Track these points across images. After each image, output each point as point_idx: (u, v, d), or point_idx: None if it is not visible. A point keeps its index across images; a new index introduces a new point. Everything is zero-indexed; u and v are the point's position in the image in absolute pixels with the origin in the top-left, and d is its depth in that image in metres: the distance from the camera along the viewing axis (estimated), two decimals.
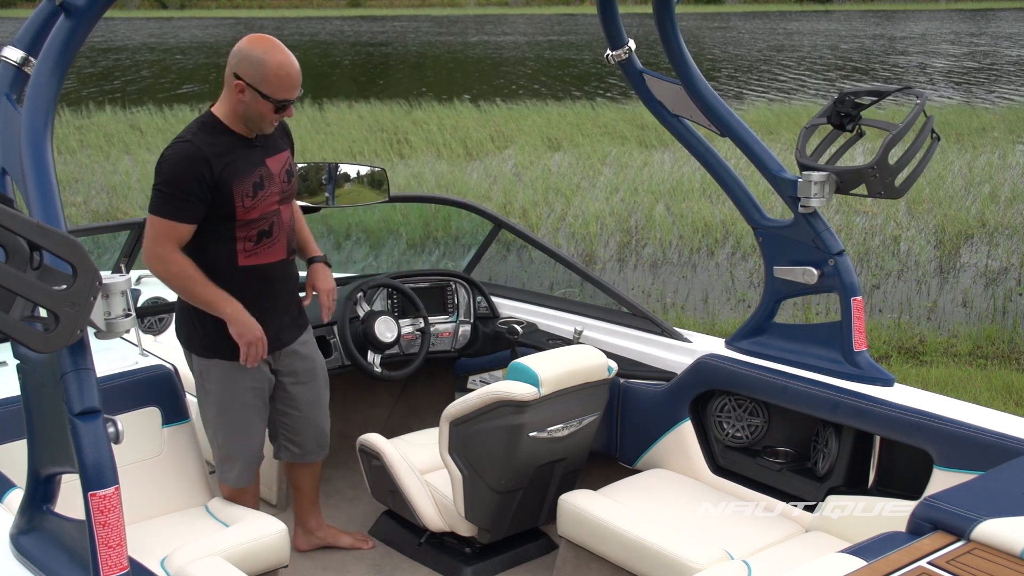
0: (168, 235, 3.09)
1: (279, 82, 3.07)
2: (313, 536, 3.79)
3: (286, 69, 3.07)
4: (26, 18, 2.35)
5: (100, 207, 11.63)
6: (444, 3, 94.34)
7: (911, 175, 3.21)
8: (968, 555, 2.15)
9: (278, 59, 3.06)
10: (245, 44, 3.10)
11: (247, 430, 3.39)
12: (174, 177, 3.06)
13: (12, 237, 1.79)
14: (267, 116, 3.14)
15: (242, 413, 3.36)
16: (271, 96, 3.08)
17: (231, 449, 3.40)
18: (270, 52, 3.06)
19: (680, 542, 3.02)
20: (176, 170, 3.06)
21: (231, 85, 3.11)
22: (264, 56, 3.06)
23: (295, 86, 3.12)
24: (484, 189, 12.33)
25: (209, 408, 3.37)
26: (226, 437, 3.38)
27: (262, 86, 3.07)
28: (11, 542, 2.34)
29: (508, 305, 4.58)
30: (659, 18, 3.34)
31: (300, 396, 3.51)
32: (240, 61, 3.08)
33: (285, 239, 3.33)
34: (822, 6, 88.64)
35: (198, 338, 3.30)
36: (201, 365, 3.33)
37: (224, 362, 3.28)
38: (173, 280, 3.15)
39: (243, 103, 3.11)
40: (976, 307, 8.30)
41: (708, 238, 10.18)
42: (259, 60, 3.06)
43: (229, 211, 3.15)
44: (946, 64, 32.17)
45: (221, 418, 3.35)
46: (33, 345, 1.82)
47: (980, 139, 15.78)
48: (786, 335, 3.54)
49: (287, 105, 3.14)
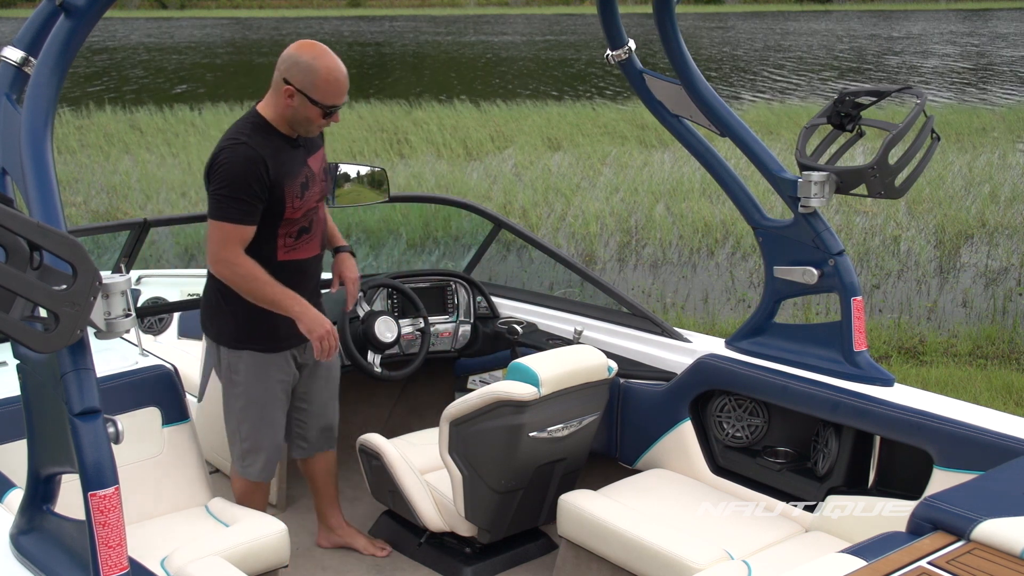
0: (234, 239, 3.14)
1: (328, 88, 3.12)
2: (334, 534, 3.81)
3: (335, 75, 3.13)
4: (26, 18, 2.35)
5: (100, 207, 11.63)
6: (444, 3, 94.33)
7: (911, 175, 3.21)
8: (968, 555, 2.15)
9: (328, 65, 3.12)
10: (295, 50, 3.15)
11: (274, 423, 3.45)
12: (237, 180, 3.09)
13: (12, 237, 1.79)
14: (315, 121, 3.19)
15: (271, 405, 3.42)
16: (320, 102, 3.13)
17: (257, 441, 3.44)
18: (320, 58, 3.12)
19: (680, 542, 3.02)
20: (238, 173, 3.09)
21: (280, 89, 3.15)
22: (314, 62, 3.11)
23: (343, 92, 3.17)
24: (484, 189, 12.33)
25: (236, 399, 3.40)
26: (252, 429, 3.42)
27: (311, 91, 3.12)
28: (11, 542, 2.34)
29: (508, 305, 4.58)
30: (659, 18, 3.34)
31: (315, 390, 3.57)
32: (290, 66, 3.13)
33: (320, 235, 3.41)
34: (822, 6, 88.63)
35: (229, 330, 3.34)
36: (231, 356, 3.36)
37: (255, 353, 3.34)
38: (241, 282, 3.18)
39: (291, 107, 3.16)
40: (976, 307, 8.30)
41: (708, 238, 10.19)
42: (309, 66, 3.10)
43: (279, 210, 3.21)
44: (946, 64, 32.18)
45: (249, 409, 3.40)
46: (33, 345, 1.82)
47: (980, 139, 15.79)
48: (786, 335, 3.54)
49: (335, 110, 3.19)
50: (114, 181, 12.81)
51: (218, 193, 3.11)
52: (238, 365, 3.36)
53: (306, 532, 3.91)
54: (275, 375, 3.40)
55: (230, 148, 3.12)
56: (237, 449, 3.48)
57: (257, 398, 3.39)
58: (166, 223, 5.81)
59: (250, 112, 3.26)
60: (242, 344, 3.34)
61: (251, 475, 3.48)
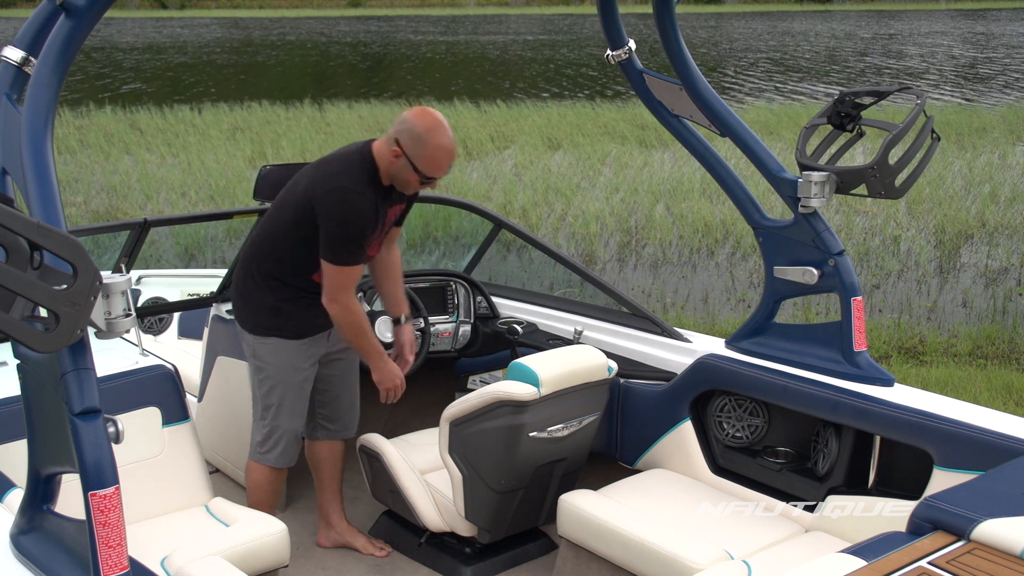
0: (352, 282, 3.36)
1: (432, 163, 3.28)
2: (334, 532, 3.82)
3: (442, 152, 3.27)
4: (26, 18, 2.35)
5: (100, 207, 11.63)
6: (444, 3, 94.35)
7: (911, 175, 3.21)
8: (968, 555, 2.15)
9: (438, 141, 3.25)
10: (413, 116, 3.29)
11: (295, 408, 3.55)
12: (358, 230, 3.29)
13: (12, 237, 1.79)
14: (412, 184, 3.35)
15: (293, 390, 3.52)
16: (422, 172, 3.29)
17: (277, 424, 3.53)
18: (432, 132, 3.25)
19: (680, 542, 3.02)
20: (361, 224, 3.29)
21: (391, 147, 3.29)
22: (425, 135, 3.24)
23: (446, 168, 3.33)
24: (484, 189, 12.34)
25: (262, 385, 3.53)
26: (277, 413, 3.53)
27: (416, 161, 3.27)
28: (11, 542, 2.34)
29: (508, 305, 4.58)
30: (659, 18, 3.34)
31: (336, 376, 3.72)
32: (403, 131, 3.27)
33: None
34: (822, 6, 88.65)
35: (258, 319, 3.49)
36: (257, 343, 3.50)
37: (281, 340, 3.47)
38: (349, 327, 3.41)
39: (395, 166, 3.31)
40: (976, 307, 8.30)
41: (708, 238, 10.19)
42: (420, 137, 3.24)
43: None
44: (946, 64, 32.18)
45: (272, 394, 3.51)
46: (33, 345, 1.82)
47: (980, 139, 15.79)
48: (786, 335, 3.54)
49: (434, 181, 3.34)
50: (114, 181, 12.81)
51: (343, 238, 3.28)
52: (264, 351, 3.49)
53: (306, 532, 3.91)
54: (299, 362, 3.52)
55: (355, 196, 3.27)
56: (257, 435, 3.57)
57: (280, 382, 3.50)
58: (166, 223, 5.81)
59: (365, 150, 3.36)
60: (270, 331, 3.47)
61: (269, 460, 3.56)
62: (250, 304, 3.51)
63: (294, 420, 3.56)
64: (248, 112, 18.40)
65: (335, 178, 3.30)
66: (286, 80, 28.50)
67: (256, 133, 16.22)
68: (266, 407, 3.53)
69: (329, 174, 3.32)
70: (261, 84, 26.60)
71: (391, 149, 3.29)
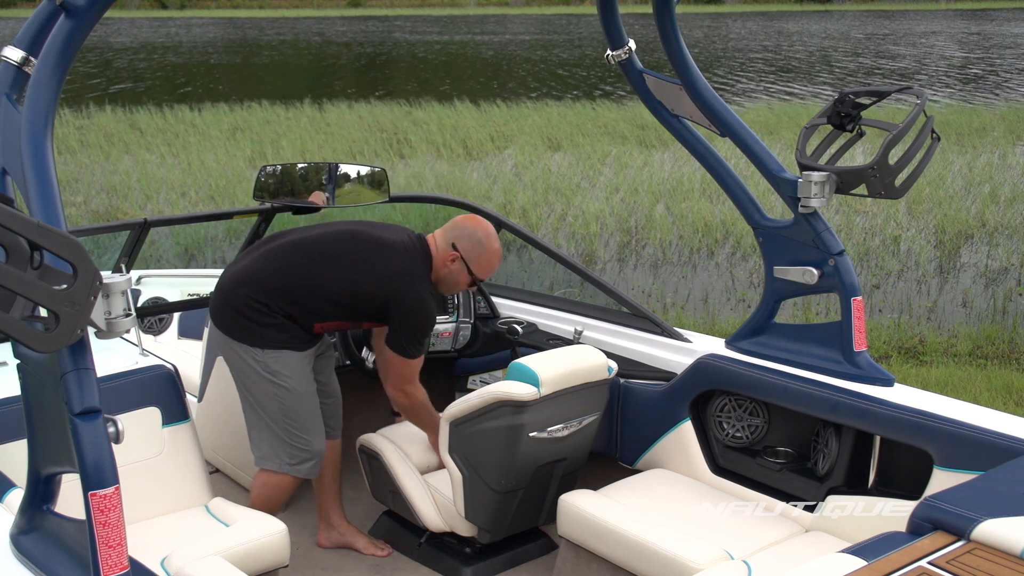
0: (417, 372, 3.51)
1: (488, 266, 3.49)
2: (334, 531, 3.81)
3: (497, 258, 3.50)
4: (26, 18, 2.35)
5: (100, 207, 11.63)
6: (444, 3, 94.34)
7: (911, 175, 3.21)
8: (968, 555, 2.15)
9: (494, 247, 3.48)
10: (469, 223, 3.48)
11: (318, 416, 3.54)
12: (430, 328, 3.49)
13: (12, 237, 1.79)
14: (461, 285, 3.53)
15: (314, 399, 3.53)
16: (476, 275, 3.47)
17: (310, 437, 3.48)
18: (490, 239, 3.47)
19: (680, 542, 3.02)
20: (432, 324, 3.49)
21: (447, 252, 3.45)
22: (485, 241, 3.45)
23: (493, 272, 3.54)
24: (484, 189, 12.34)
25: (281, 399, 3.43)
26: (304, 425, 3.47)
27: (473, 264, 3.45)
28: (11, 542, 2.34)
29: (508, 305, 4.58)
30: (659, 18, 3.33)
31: (327, 376, 3.74)
32: (462, 236, 3.45)
33: None
34: (822, 6, 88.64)
35: (268, 334, 3.42)
36: (270, 358, 3.42)
37: (293, 352, 3.45)
38: (412, 412, 3.59)
39: (448, 269, 3.47)
40: (976, 307, 8.31)
41: (708, 238, 10.19)
42: (480, 243, 3.45)
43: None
44: (946, 64, 32.18)
45: (299, 406, 3.45)
46: (33, 345, 1.82)
47: (980, 139, 15.79)
48: (786, 335, 3.54)
49: (479, 284, 3.57)
50: (114, 181, 12.81)
51: (418, 336, 3.43)
52: (278, 364, 3.42)
53: (306, 532, 3.91)
54: (310, 371, 3.53)
55: (429, 299, 3.44)
56: (286, 448, 3.46)
57: (303, 393, 3.47)
58: (166, 223, 5.80)
59: (423, 249, 3.48)
60: (280, 344, 3.43)
61: (302, 472, 3.49)
62: (254, 321, 3.42)
63: (320, 427, 3.52)
64: (248, 112, 18.40)
65: (411, 277, 3.40)
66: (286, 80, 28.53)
67: (256, 133, 16.23)
68: (291, 420, 3.44)
69: (405, 269, 3.41)
70: (261, 84, 26.59)
71: (449, 254, 3.44)
